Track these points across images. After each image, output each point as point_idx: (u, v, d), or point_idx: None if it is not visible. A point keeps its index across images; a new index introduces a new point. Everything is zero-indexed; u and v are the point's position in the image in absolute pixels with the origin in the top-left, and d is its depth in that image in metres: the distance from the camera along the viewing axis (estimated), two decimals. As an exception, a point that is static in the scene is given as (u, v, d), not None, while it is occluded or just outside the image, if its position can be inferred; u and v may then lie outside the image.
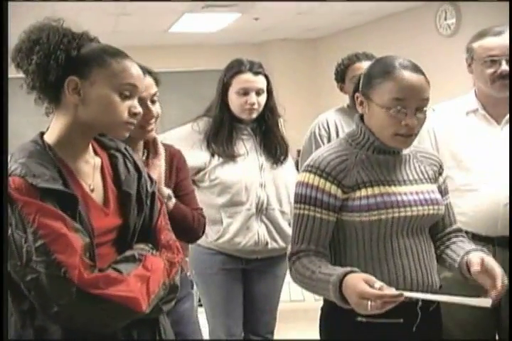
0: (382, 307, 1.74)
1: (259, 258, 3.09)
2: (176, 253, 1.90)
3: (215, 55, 7.63)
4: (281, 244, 3.09)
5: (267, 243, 3.04)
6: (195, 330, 2.62)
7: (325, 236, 2.02)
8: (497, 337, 2.79)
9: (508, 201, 2.55)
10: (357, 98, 2.06)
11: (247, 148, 3.06)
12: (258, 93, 3.00)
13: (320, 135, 3.38)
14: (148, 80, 2.30)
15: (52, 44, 1.70)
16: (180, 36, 7.40)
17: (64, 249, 1.60)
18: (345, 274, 1.84)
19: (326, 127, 3.37)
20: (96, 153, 1.86)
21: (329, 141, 3.26)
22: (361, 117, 2.10)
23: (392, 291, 1.76)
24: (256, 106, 3.00)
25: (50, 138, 1.76)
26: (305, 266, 1.96)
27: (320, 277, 1.90)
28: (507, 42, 2.56)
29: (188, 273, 2.66)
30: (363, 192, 2.00)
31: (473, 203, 2.58)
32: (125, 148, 1.93)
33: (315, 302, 2.19)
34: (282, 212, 3.09)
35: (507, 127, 2.65)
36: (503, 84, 2.59)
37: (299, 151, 3.81)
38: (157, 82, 2.36)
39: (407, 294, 1.80)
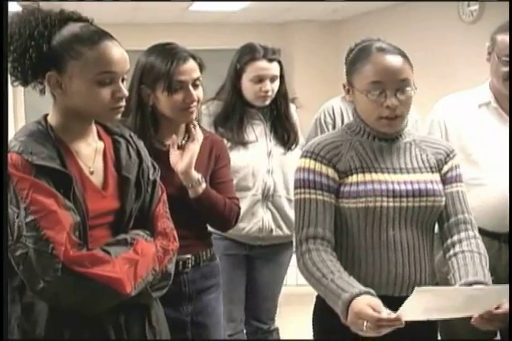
0: (378, 330, 1.73)
1: (263, 245, 3.08)
2: (172, 242, 1.91)
3: (236, 34, 7.57)
4: (286, 231, 3.09)
5: (271, 230, 3.04)
6: (217, 322, 2.53)
7: (330, 218, 1.99)
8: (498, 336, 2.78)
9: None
10: (344, 87, 2.07)
11: (256, 133, 3.05)
12: (272, 80, 3.00)
13: (325, 122, 3.35)
14: (192, 65, 2.30)
15: (23, 41, 1.69)
16: (201, 14, 7.35)
17: (53, 225, 1.63)
18: (358, 295, 1.80)
19: (331, 114, 3.34)
20: (100, 137, 1.88)
21: (334, 128, 3.24)
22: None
23: (389, 315, 1.73)
24: (270, 94, 3.00)
25: (52, 120, 1.80)
26: (315, 264, 1.92)
27: (332, 287, 1.86)
28: None
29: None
30: (355, 178, 1.99)
31: (480, 198, 2.54)
32: (130, 135, 1.95)
33: (310, 287, 2.17)
34: (289, 200, 3.05)
35: (519, 121, 2.61)
36: None
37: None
38: (201, 67, 2.35)
39: (408, 318, 1.73)
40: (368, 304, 1.77)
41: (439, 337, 2.36)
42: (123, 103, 1.79)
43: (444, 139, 2.67)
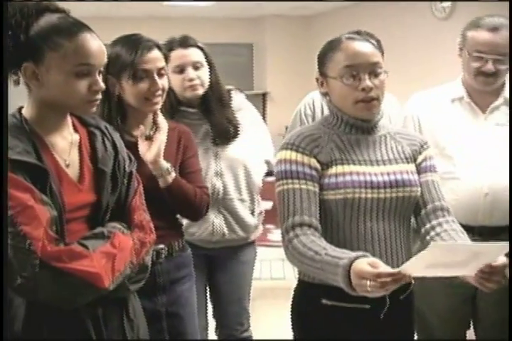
0: (383, 287, 1.70)
1: (219, 248, 2.94)
2: (149, 234, 1.90)
3: (209, 28, 7.56)
4: (241, 234, 2.97)
5: (223, 234, 2.91)
6: (191, 312, 2.52)
7: (315, 207, 1.99)
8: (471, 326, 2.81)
9: (488, 191, 2.55)
10: (317, 80, 2.09)
11: (199, 134, 2.84)
12: (196, 67, 2.79)
13: (305, 114, 3.26)
14: (157, 54, 2.30)
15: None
16: (174, 9, 7.34)
17: (30, 220, 1.61)
18: (356, 258, 1.79)
19: (311, 106, 3.25)
20: (75, 129, 1.86)
21: (314, 120, 3.20)
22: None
23: (387, 269, 1.73)
24: (198, 82, 2.79)
25: (26, 112, 1.77)
26: (306, 245, 1.92)
27: (327, 259, 1.85)
28: (500, 40, 2.50)
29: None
30: (334, 169, 2.00)
31: (454, 191, 2.57)
32: (105, 126, 1.93)
33: (295, 281, 2.19)
34: (242, 201, 2.95)
35: (491, 116, 2.63)
36: (486, 81, 2.57)
37: (287, 127, 3.80)
38: (166, 58, 2.36)
39: (411, 273, 1.72)
40: (367, 263, 1.75)
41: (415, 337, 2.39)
42: (99, 96, 1.78)
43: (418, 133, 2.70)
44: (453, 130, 2.63)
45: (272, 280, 3.16)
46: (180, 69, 2.79)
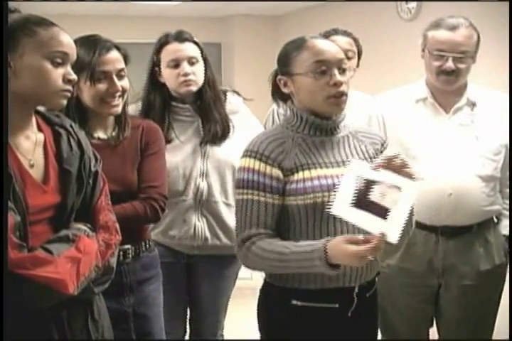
0: (374, 251, 1.77)
1: (203, 255, 2.82)
2: (114, 235, 1.88)
3: (177, 27, 7.48)
4: (225, 241, 2.81)
5: (206, 238, 2.78)
6: (158, 313, 2.50)
7: (271, 219, 2.00)
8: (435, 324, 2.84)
9: (452, 191, 2.58)
10: (280, 81, 2.07)
11: (188, 131, 2.79)
12: (191, 62, 2.73)
13: (278, 113, 3.19)
14: (116, 55, 2.27)
15: None
16: (142, 7, 7.28)
17: None
18: (327, 241, 1.86)
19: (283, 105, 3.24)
20: (40, 128, 1.82)
21: None
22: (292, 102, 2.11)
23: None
24: (192, 77, 2.73)
25: None
26: (266, 249, 1.94)
27: (298, 251, 1.89)
28: (459, 38, 2.55)
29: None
30: (301, 175, 1.99)
31: (418, 192, 2.58)
32: (70, 125, 1.90)
33: (262, 281, 2.19)
34: (228, 205, 2.82)
35: (455, 116, 2.66)
36: (447, 80, 2.60)
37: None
38: (126, 58, 2.32)
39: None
40: (344, 240, 1.82)
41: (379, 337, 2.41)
42: (71, 87, 1.76)
43: (383, 134, 2.71)
44: (417, 130, 2.66)
45: (239, 280, 3.14)
46: (175, 64, 2.72)
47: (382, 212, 1.81)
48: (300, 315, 2.04)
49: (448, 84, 2.61)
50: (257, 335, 2.20)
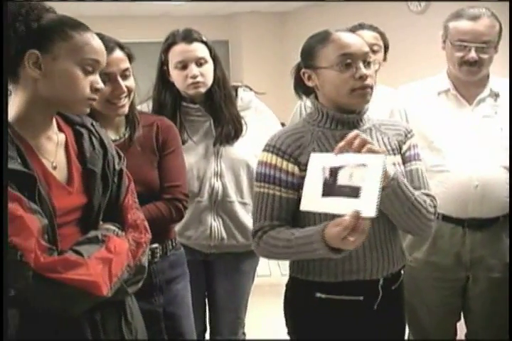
0: (354, 231, 1.75)
1: (219, 253, 2.81)
2: (144, 233, 1.85)
3: (182, 26, 7.48)
4: (241, 240, 2.80)
5: (222, 238, 2.76)
6: (188, 312, 2.48)
7: (285, 213, 2.01)
8: (462, 318, 2.81)
9: (478, 183, 2.55)
10: (304, 75, 2.06)
11: (200, 131, 2.75)
12: (199, 63, 2.68)
13: (305, 106, 3.13)
14: (119, 55, 2.23)
15: (11, 15, 1.61)
16: (147, 6, 7.27)
17: (20, 231, 1.53)
18: (326, 225, 1.84)
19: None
20: (60, 129, 1.79)
21: None
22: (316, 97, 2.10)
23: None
24: (201, 79, 2.68)
25: (9, 115, 1.67)
26: (275, 237, 1.98)
27: (298, 241, 1.90)
28: (481, 28, 2.52)
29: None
30: None
31: (443, 184, 2.56)
32: (91, 124, 1.87)
33: (281, 277, 2.18)
34: (244, 204, 2.80)
35: (478, 108, 2.63)
36: (470, 71, 2.57)
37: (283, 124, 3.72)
38: (130, 57, 2.27)
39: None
40: (333, 224, 1.81)
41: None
42: (97, 96, 1.73)
43: None
44: (440, 123, 2.62)
45: (258, 277, 3.12)
46: (183, 65, 2.67)
47: (354, 192, 1.79)
48: (325, 307, 2.04)
49: (471, 74, 2.57)
50: (277, 333, 2.18)
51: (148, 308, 2.24)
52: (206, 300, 2.97)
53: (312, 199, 1.87)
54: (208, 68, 2.72)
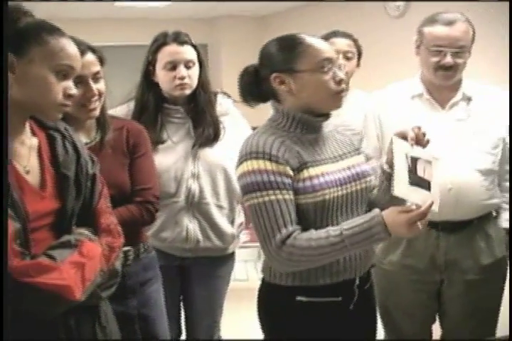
0: (423, 218, 1.88)
1: (194, 257, 2.81)
2: (117, 238, 1.87)
3: (163, 29, 7.47)
4: (217, 243, 2.81)
5: (198, 241, 2.76)
6: (161, 314, 2.49)
7: (294, 215, 1.95)
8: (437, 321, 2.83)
9: (452, 186, 2.57)
10: (275, 79, 1.99)
11: (179, 133, 2.77)
12: (188, 66, 2.72)
13: None
14: (91, 58, 2.24)
15: None
16: (127, 10, 7.25)
17: None
18: (379, 212, 1.91)
19: None
20: (34, 133, 1.79)
21: None
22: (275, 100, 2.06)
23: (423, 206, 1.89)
24: (187, 81, 2.71)
25: None
26: (311, 238, 1.90)
27: (351, 232, 1.88)
28: (457, 33, 2.54)
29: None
30: (306, 173, 1.96)
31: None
32: (65, 128, 1.87)
33: (259, 282, 2.18)
34: (220, 207, 2.82)
35: (451, 112, 2.66)
36: (445, 75, 2.59)
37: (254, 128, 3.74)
38: (101, 61, 2.29)
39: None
40: (397, 211, 1.89)
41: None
42: (70, 102, 1.74)
43: (380, 132, 2.71)
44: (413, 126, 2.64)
45: (235, 281, 3.12)
46: (172, 66, 2.70)
47: (426, 185, 1.95)
48: (305, 310, 2.04)
49: (446, 79, 2.60)
50: (255, 337, 2.18)
51: (122, 311, 2.24)
52: (182, 304, 2.98)
53: (402, 186, 1.91)
54: (195, 71, 2.75)
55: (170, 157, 2.74)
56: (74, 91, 1.73)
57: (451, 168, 2.57)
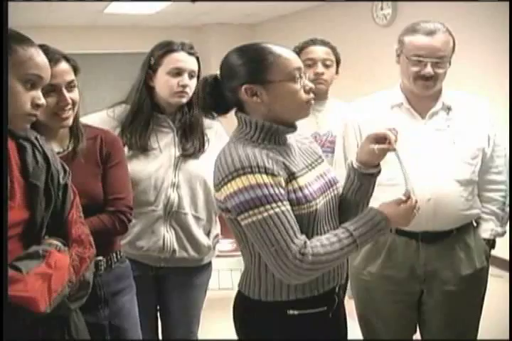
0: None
1: (169, 267, 2.80)
2: (88, 248, 1.85)
3: (152, 37, 7.42)
4: (193, 253, 2.80)
5: (174, 250, 2.75)
6: (134, 324, 2.47)
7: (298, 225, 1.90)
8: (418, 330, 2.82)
9: (431, 196, 2.56)
10: (246, 91, 1.93)
11: (163, 141, 2.77)
12: (191, 76, 2.75)
13: None
14: (65, 67, 2.23)
15: None
16: (116, 17, 7.25)
17: None
18: (376, 208, 1.98)
19: None
20: None
21: None
22: (241, 111, 2.00)
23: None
24: (188, 90, 2.74)
25: None
26: (324, 244, 1.86)
27: (360, 232, 1.90)
28: (437, 43, 2.53)
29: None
30: (295, 184, 1.92)
31: (395, 198, 2.56)
32: (35, 138, 1.85)
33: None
34: (197, 218, 2.81)
35: (431, 121, 2.65)
36: (425, 85, 2.58)
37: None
38: (75, 69, 2.27)
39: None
40: (394, 203, 2.02)
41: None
42: (38, 112, 1.72)
43: (359, 141, 2.69)
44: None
45: (219, 290, 3.10)
46: (177, 73, 2.73)
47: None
48: (296, 323, 1.99)
49: (426, 89, 2.59)
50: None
51: (94, 321, 2.22)
52: (158, 315, 2.96)
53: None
54: (194, 82, 2.76)
55: (152, 165, 2.74)
56: (42, 101, 1.71)
57: (430, 179, 2.56)
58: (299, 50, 3.28)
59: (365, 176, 2.10)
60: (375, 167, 2.13)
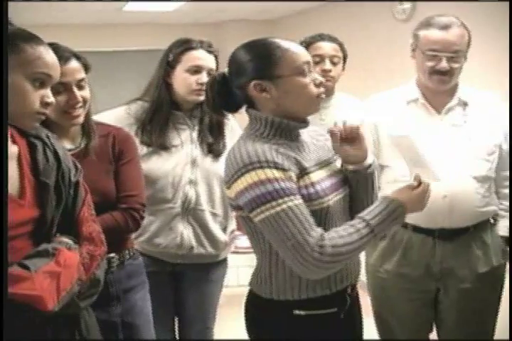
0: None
1: (186, 263, 2.81)
2: (99, 246, 1.84)
3: (170, 34, 7.42)
4: (210, 250, 2.81)
5: (192, 247, 2.76)
6: (147, 322, 2.47)
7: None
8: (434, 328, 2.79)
9: (447, 193, 2.53)
10: (255, 87, 1.91)
11: (181, 139, 2.76)
12: (209, 74, 2.73)
13: None
14: (75, 65, 2.22)
15: None
16: (135, 15, 7.25)
17: None
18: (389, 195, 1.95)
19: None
20: (14, 140, 1.77)
21: None
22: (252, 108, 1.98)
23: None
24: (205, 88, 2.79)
25: None
26: (341, 235, 1.81)
27: (377, 220, 1.85)
28: (452, 37, 2.50)
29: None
30: (307, 179, 1.89)
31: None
32: (46, 136, 1.85)
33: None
34: (214, 214, 2.81)
35: (447, 117, 2.62)
36: (441, 80, 2.55)
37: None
38: (86, 68, 2.27)
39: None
40: (407, 188, 1.99)
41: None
42: (47, 110, 1.72)
43: (376, 139, 2.67)
44: (410, 132, 2.59)
45: (239, 287, 3.09)
46: (196, 71, 2.73)
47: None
48: (304, 324, 1.96)
49: (442, 84, 2.56)
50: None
51: (106, 318, 2.23)
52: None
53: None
54: None
55: (170, 162, 2.74)
56: (51, 99, 1.70)
57: (446, 175, 2.52)
58: (307, 46, 3.21)
59: (354, 173, 2.05)
60: (358, 164, 2.04)
